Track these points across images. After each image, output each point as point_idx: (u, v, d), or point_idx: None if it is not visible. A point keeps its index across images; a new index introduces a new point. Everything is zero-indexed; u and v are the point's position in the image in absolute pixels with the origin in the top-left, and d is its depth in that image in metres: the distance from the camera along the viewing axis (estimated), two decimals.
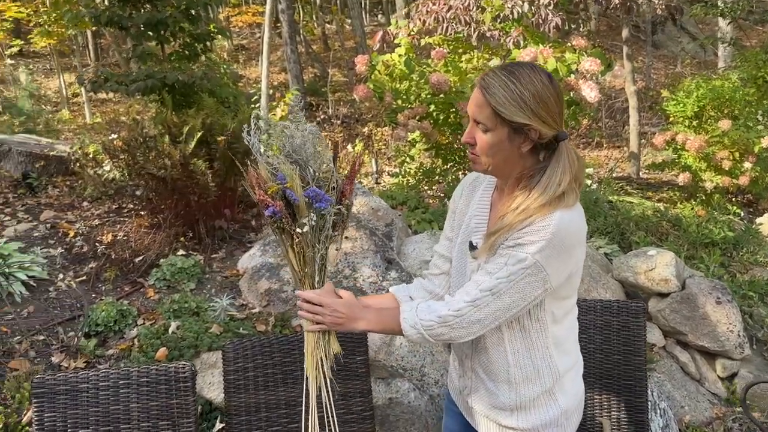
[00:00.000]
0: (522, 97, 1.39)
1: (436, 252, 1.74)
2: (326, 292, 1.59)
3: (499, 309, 1.44)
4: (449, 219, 1.72)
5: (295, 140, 1.56)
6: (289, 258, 1.61)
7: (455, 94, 4.68)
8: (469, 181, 1.69)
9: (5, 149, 6.00)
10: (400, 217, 4.15)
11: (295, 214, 1.56)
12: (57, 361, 2.95)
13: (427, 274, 1.76)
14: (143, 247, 3.98)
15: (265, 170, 1.56)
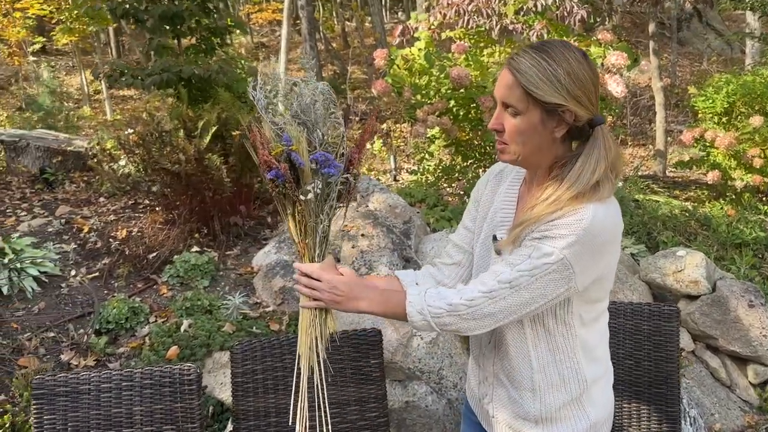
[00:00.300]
0: (555, 74, 1.27)
1: (451, 240, 1.62)
2: (327, 267, 1.47)
3: (515, 304, 1.33)
4: (470, 208, 1.60)
5: (304, 99, 1.44)
6: (289, 227, 1.50)
7: (476, 89, 4.55)
8: (496, 171, 1.57)
9: (23, 144, 6.00)
10: (419, 215, 4.04)
11: (299, 180, 1.45)
12: (66, 359, 2.89)
13: (438, 263, 1.63)
14: (157, 244, 3.92)
15: (270, 130, 1.45)
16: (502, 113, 1.34)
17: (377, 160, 7.35)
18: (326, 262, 1.49)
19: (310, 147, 1.46)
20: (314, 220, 1.46)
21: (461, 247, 1.59)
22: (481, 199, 1.57)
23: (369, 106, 11.68)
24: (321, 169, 1.43)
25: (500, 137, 1.36)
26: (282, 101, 1.48)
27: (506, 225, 1.46)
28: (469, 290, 1.36)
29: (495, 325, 1.35)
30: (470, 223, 1.59)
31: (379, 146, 7.00)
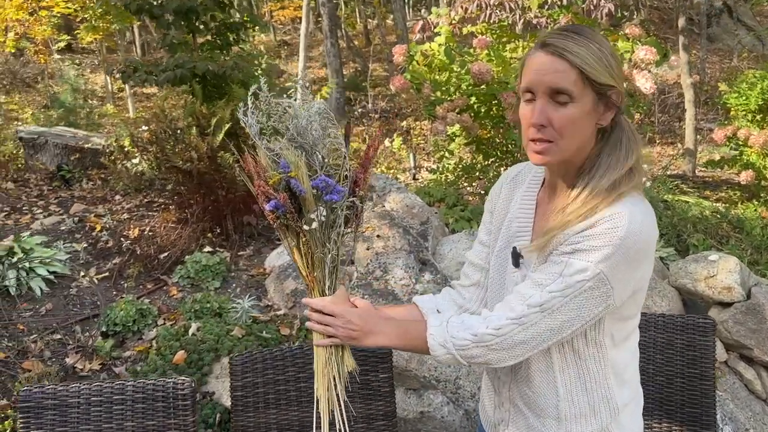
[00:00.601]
0: (602, 53, 1.15)
1: (468, 259, 1.49)
2: (339, 300, 1.35)
3: (549, 329, 1.19)
4: (485, 220, 1.47)
5: (299, 121, 1.33)
6: (295, 260, 1.39)
7: (498, 85, 4.39)
8: (510, 176, 1.43)
9: (42, 141, 5.98)
10: (437, 215, 3.90)
11: (302, 208, 1.33)
12: (71, 363, 2.81)
13: (457, 285, 1.51)
14: (169, 243, 3.83)
15: (266, 157, 1.34)
16: (546, 105, 1.16)
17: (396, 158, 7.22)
18: (338, 294, 1.37)
19: (310, 171, 1.35)
20: (321, 250, 1.35)
21: (479, 266, 1.45)
22: (495, 208, 1.42)
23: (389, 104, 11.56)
24: (323, 196, 1.32)
25: (543, 134, 1.17)
26: (276, 125, 1.36)
27: (525, 235, 1.32)
28: (496, 317, 1.22)
29: (528, 354, 1.22)
30: (486, 237, 1.44)
31: (399, 144, 6.87)
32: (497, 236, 1.39)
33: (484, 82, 4.29)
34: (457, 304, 1.47)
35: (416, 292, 3.18)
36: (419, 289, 3.20)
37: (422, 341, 1.29)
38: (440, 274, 3.34)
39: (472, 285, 1.46)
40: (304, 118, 1.33)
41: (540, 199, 1.33)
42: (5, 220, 4.50)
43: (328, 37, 10.98)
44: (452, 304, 1.47)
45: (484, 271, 1.44)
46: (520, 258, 1.30)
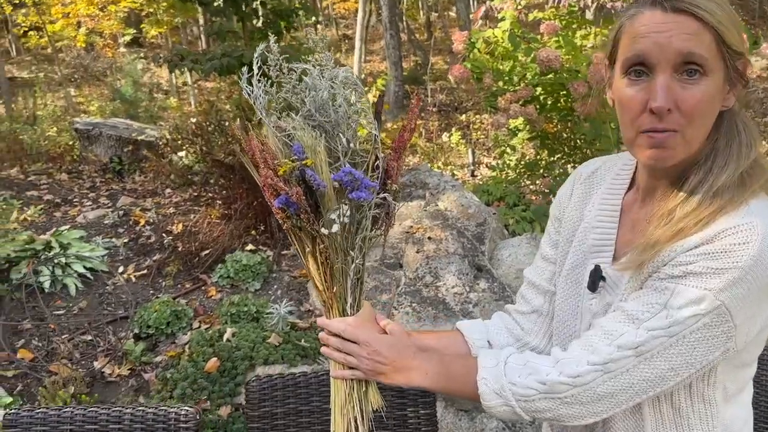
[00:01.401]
0: (730, 9, 0.86)
1: (527, 278, 1.17)
2: (364, 322, 1.06)
3: (644, 380, 0.88)
4: (550, 230, 1.15)
5: (319, 93, 1.05)
6: (309, 270, 1.11)
7: (567, 74, 4.02)
8: (584, 174, 1.11)
9: (96, 133, 5.97)
10: (495, 216, 3.58)
11: (319, 206, 1.05)
12: (99, 367, 2.65)
13: (513, 311, 1.19)
14: (211, 240, 3.66)
15: (275, 139, 1.06)
16: (673, 83, 0.84)
17: (454, 153, 6.90)
18: (363, 314, 1.07)
19: (331, 158, 1.06)
20: (343, 259, 1.06)
21: (541, 288, 1.13)
22: (565, 214, 1.10)
23: (448, 97, 11.20)
24: (348, 193, 1.03)
25: (666, 122, 0.85)
26: (290, 97, 1.08)
27: (605, 250, 1.00)
28: (573, 360, 0.91)
29: (613, 411, 0.91)
30: (551, 251, 1.12)
31: (457, 139, 6.54)
32: (567, 250, 1.08)
33: (552, 70, 3.92)
34: (513, 335, 1.16)
35: (470, 302, 2.88)
36: (473, 299, 2.90)
37: (470, 385, 0.99)
38: (497, 282, 3.02)
39: (532, 312, 1.15)
40: (324, 90, 1.05)
41: (626, 204, 1.02)
42: (54, 212, 4.45)
43: (387, 29, 10.71)
44: (506, 335, 1.17)
45: (549, 294, 1.13)
46: (601, 280, 0.99)
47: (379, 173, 1.08)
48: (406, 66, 13.84)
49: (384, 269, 3.10)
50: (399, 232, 3.27)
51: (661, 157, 0.88)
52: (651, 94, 0.85)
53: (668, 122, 0.85)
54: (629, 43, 0.88)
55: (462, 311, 2.83)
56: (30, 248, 3.14)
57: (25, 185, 5.07)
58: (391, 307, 2.89)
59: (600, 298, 0.99)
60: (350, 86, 1.06)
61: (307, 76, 1.06)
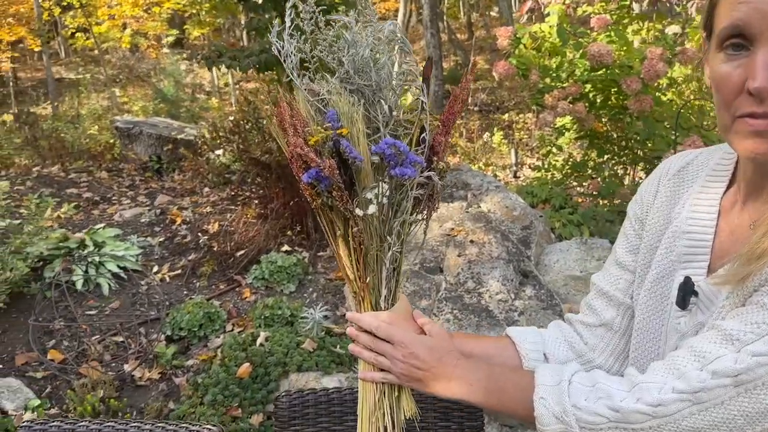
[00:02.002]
0: None
1: (596, 286, 1.00)
2: (399, 319, 0.93)
3: (745, 414, 0.72)
4: (628, 232, 0.98)
5: (359, 50, 0.91)
6: (339, 257, 0.97)
7: (620, 69, 3.81)
8: (673, 168, 0.94)
9: (136, 131, 5.97)
10: (542, 220, 3.39)
11: (354, 182, 0.91)
12: (129, 370, 2.57)
13: (576, 321, 1.03)
14: (247, 240, 3.57)
15: (306, 103, 0.92)
16: None
17: (496, 153, 6.69)
18: (399, 309, 0.94)
19: (370, 128, 0.92)
20: (378, 246, 0.92)
21: (614, 299, 0.97)
22: (648, 216, 0.93)
23: (490, 96, 10.97)
24: (390, 169, 0.89)
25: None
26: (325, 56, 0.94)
27: (699, 259, 0.84)
28: (654, 385, 0.76)
29: None
30: (629, 258, 0.96)
31: (499, 138, 6.34)
32: (650, 258, 0.91)
33: (603, 66, 3.72)
34: (574, 350, 1.00)
35: (515, 310, 2.71)
36: (519, 306, 2.73)
37: (524, 405, 0.84)
38: (545, 289, 2.84)
39: (600, 325, 0.98)
40: (366, 47, 0.90)
41: (725, 205, 0.85)
42: (92, 210, 4.44)
43: (428, 27, 10.55)
44: (566, 349, 1.00)
45: (623, 308, 0.96)
46: (692, 296, 0.83)
47: (425, 148, 0.93)
48: (447, 66, 13.66)
49: (423, 273, 2.95)
50: (439, 235, 3.13)
51: (762, 150, 0.72)
52: (750, 71, 0.70)
53: None
54: (727, 10, 0.73)
55: (506, 320, 2.66)
56: (64, 246, 3.10)
57: (65, 183, 5.09)
58: (431, 313, 2.74)
59: (690, 317, 0.83)
60: (396, 44, 0.92)
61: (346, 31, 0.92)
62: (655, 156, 4.03)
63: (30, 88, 15.12)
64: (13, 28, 13.41)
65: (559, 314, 2.72)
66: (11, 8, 13.38)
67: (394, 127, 0.94)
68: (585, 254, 3.06)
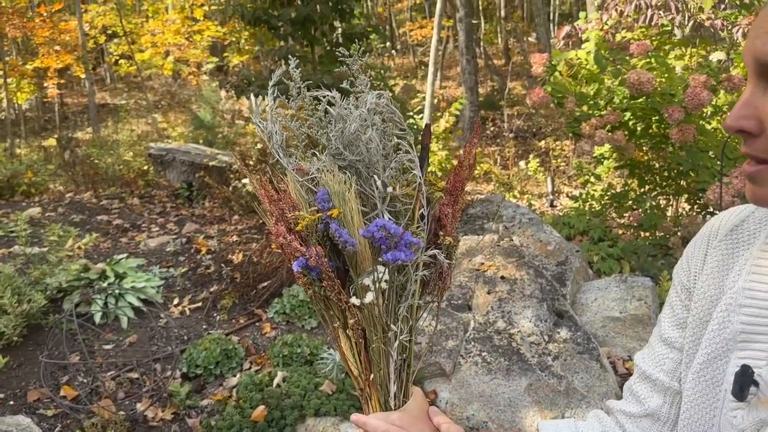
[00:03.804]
0: None
1: (639, 369, 0.85)
2: (412, 420, 0.80)
3: None
4: (673, 304, 0.82)
5: (348, 125, 0.81)
6: (341, 351, 0.86)
7: (661, 98, 3.63)
8: (724, 229, 0.78)
9: (169, 158, 6.00)
10: (578, 255, 3.21)
11: (348, 269, 0.81)
12: (142, 409, 2.47)
13: (617, 411, 0.87)
14: (270, 271, 3.47)
15: (295, 184, 0.82)
16: (756, 92, 0.60)
17: (532, 181, 6.50)
18: (411, 409, 0.82)
19: (367, 206, 0.82)
20: (382, 337, 0.81)
21: (659, 383, 0.81)
22: (697, 285, 0.78)
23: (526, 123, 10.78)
24: (383, 253, 0.78)
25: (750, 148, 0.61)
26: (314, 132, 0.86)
27: (761, 340, 0.69)
28: None
29: None
30: (675, 333, 0.80)
31: (535, 166, 6.17)
32: (699, 335, 0.76)
33: (643, 93, 3.54)
34: None
35: (548, 354, 2.53)
36: (552, 350, 2.55)
37: None
38: (581, 331, 2.66)
39: (645, 416, 0.82)
40: (355, 121, 0.81)
41: None
42: (120, 237, 4.42)
43: (463, 53, 10.48)
44: None
45: (671, 393, 0.80)
46: (752, 385, 0.67)
47: (426, 226, 0.83)
48: (483, 91, 13.54)
49: (450, 311, 2.80)
50: (468, 270, 2.97)
51: (754, 196, 0.63)
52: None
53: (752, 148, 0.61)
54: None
55: (539, 364, 2.49)
56: (84, 277, 3.05)
57: (96, 209, 5.11)
58: (458, 355, 2.59)
59: (749, 411, 0.67)
60: (385, 115, 0.81)
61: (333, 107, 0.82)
62: (699, 188, 3.82)
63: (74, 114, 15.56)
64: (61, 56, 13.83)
65: (597, 359, 2.53)
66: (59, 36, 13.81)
67: (392, 203, 0.84)
68: (625, 293, 2.87)
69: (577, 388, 2.44)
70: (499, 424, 2.33)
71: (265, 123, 0.86)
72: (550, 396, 2.40)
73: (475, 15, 14.56)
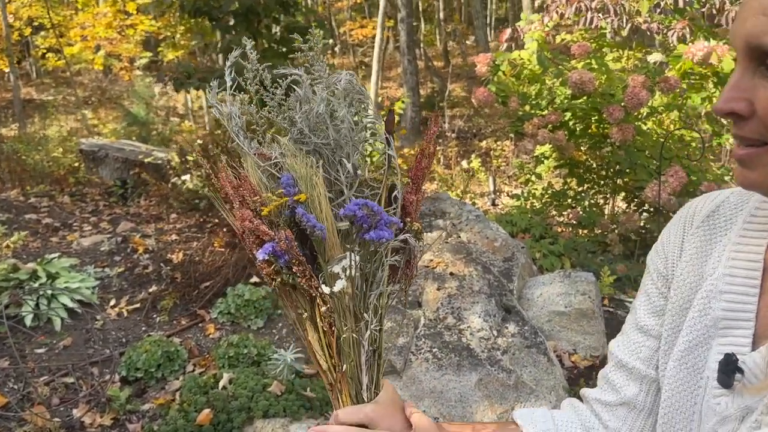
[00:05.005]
0: None
1: (614, 357, 0.83)
2: (385, 411, 0.78)
3: None
4: (649, 292, 0.81)
5: (314, 107, 0.77)
6: (308, 344, 0.82)
7: (601, 97, 3.73)
8: (699, 216, 0.77)
9: (102, 154, 5.75)
10: (524, 251, 3.26)
11: (316, 255, 0.77)
12: (79, 416, 2.34)
13: (592, 399, 0.85)
14: (213, 270, 3.37)
15: (255, 169, 0.78)
16: (743, 75, 0.60)
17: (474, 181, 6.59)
18: (384, 400, 0.79)
19: (332, 192, 0.79)
20: (353, 326, 0.78)
21: (636, 371, 0.80)
22: (675, 272, 0.77)
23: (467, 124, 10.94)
24: (362, 234, 0.74)
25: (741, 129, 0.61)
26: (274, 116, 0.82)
27: (742, 326, 0.69)
28: None
29: None
30: (652, 321, 0.79)
31: (477, 165, 6.26)
32: (679, 323, 0.75)
33: (585, 93, 3.63)
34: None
35: (498, 349, 2.55)
36: (502, 344, 2.57)
37: None
38: (528, 326, 2.69)
39: (621, 404, 0.81)
40: (321, 102, 0.77)
41: None
42: (51, 237, 4.20)
43: (405, 54, 10.53)
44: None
45: (647, 381, 0.79)
46: (737, 372, 0.67)
47: (396, 208, 0.80)
48: (423, 93, 13.65)
49: (400, 308, 2.78)
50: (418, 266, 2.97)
51: (743, 179, 0.63)
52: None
53: (743, 130, 0.61)
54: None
55: (489, 359, 2.50)
56: (14, 278, 2.87)
57: (24, 208, 4.84)
58: (409, 351, 2.57)
59: (734, 397, 0.67)
60: (354, 95, 0.78)
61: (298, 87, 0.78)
62: (637, 186, 3.95)
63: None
64: None
65: (544, 353, 2.56)
66: None
67: (359, 189, 0.81)
68: (569, 287, 2.92)
69: (526, 382, 2.46)
70: (450, 420, 2.33)
71: (222, 105, 0.81)
72: (500, 390, 2.42)
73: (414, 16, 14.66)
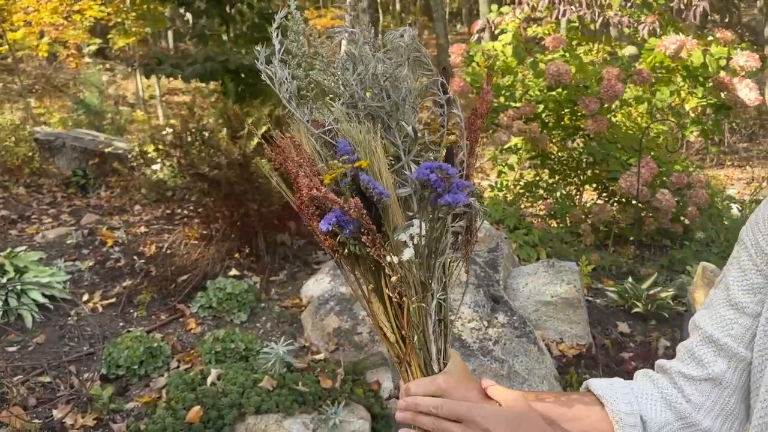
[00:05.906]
0: None
1: (701, 330, 0.80)
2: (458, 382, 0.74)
3: None
4: (744, 267, 0.78)
5: (369, 68, 0.74)
6: (374, 317, 0.79)
7: (576, 89, 3.77)
8: None
9: (59, 144, 5.51)
10: (507, 241, 3.27)
11: (382, 224, 0.73)
12: (60, 416, 2.23)
13: (674, 372, 0.82)
14: (190, 263, 3.27)
15: (308, 137, 0.75)
16: None
17: None
18: (454, 370, 0.75)
19: (391, 157, 0.76)
20: (421, 296, 0.74)
21: (726, 348, 0.78)
22: None
23: None
24: (435, 199, 0.71)
25: None
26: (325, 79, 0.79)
27: None
28: None
29: None
30: (747, 298, 0.77)
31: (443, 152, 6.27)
32: None
33: (561, 84, 3.67)
34: (674, 410, 0.80)
35: (489, 339, 2.55)
36: (492, 335, 2.57)
37: None
38: (517, 315, 2.70)
39: (705, 379, 0.79)
40: (377, 61, 0.74)
41: None
42: (9, 230, 4.00)
43: None
44: (663, 408, 0.80)
45: (736, 360, 0.78)
46: None
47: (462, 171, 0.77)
48: None
49: None
50: None
51: None
52: None
53: None
54: None
55: (481, 350, 2.50)
56: None
57: None
58: None
59: None
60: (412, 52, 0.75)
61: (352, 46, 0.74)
62: (610, 177, 4.02)
63: None
64: None
65: (534, 342, 2.58)
66: None
67: (417, 153, 0.78)
68: (554, 277, 2.95)
69: (519, 372, 2.47)
70: None
71: (273, 69, 0.76)
72: (494, 380, 2.41)
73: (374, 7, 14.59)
